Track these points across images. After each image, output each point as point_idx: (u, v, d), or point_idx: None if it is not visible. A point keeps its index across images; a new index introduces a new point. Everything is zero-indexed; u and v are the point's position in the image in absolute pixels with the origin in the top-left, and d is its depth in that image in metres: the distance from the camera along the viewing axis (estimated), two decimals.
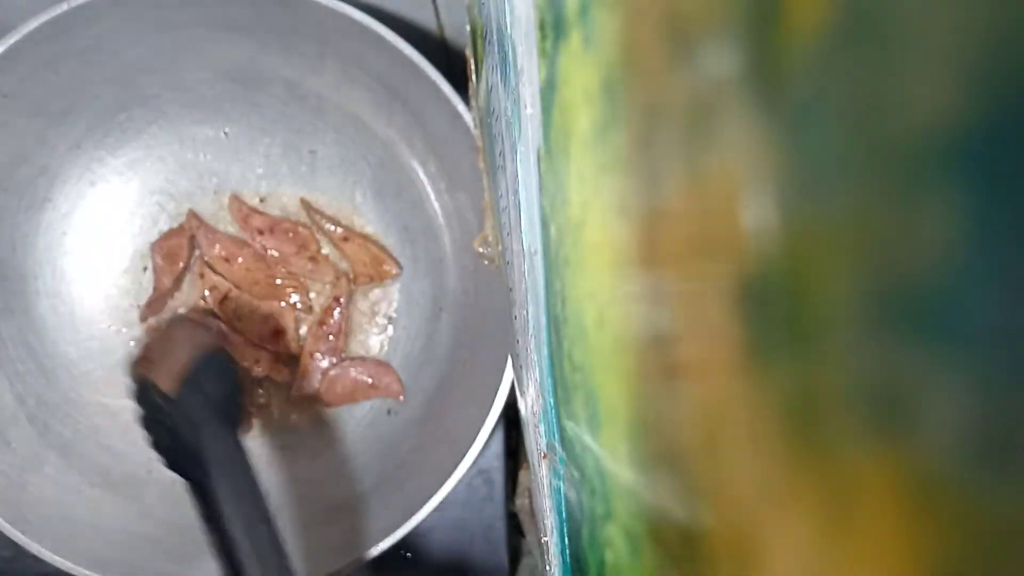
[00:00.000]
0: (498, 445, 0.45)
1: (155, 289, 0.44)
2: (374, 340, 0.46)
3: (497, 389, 0.36)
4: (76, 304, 0.44)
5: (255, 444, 0.45)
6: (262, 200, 0.45)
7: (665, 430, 0.14)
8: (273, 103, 0.43)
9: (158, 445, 0.33)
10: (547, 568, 0.25)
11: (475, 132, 0.35)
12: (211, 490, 0.30)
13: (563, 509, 0.22)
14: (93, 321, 0.45)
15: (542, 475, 0.24)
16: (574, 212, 0.17)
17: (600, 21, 0.14)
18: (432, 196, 0.44)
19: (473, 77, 0.33)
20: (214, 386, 0.34)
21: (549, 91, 0.18)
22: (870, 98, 0.07)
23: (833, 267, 0.08)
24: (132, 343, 0.45)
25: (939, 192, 0.06)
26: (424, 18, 0.41)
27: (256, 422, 0.45)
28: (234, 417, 0.34)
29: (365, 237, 0.45)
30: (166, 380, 0.32)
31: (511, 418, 0.45)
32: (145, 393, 0.34)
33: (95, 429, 0.43)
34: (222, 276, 0.45)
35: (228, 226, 0.45)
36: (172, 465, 0.33)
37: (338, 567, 0.37)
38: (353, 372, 0.45)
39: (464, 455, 0.36)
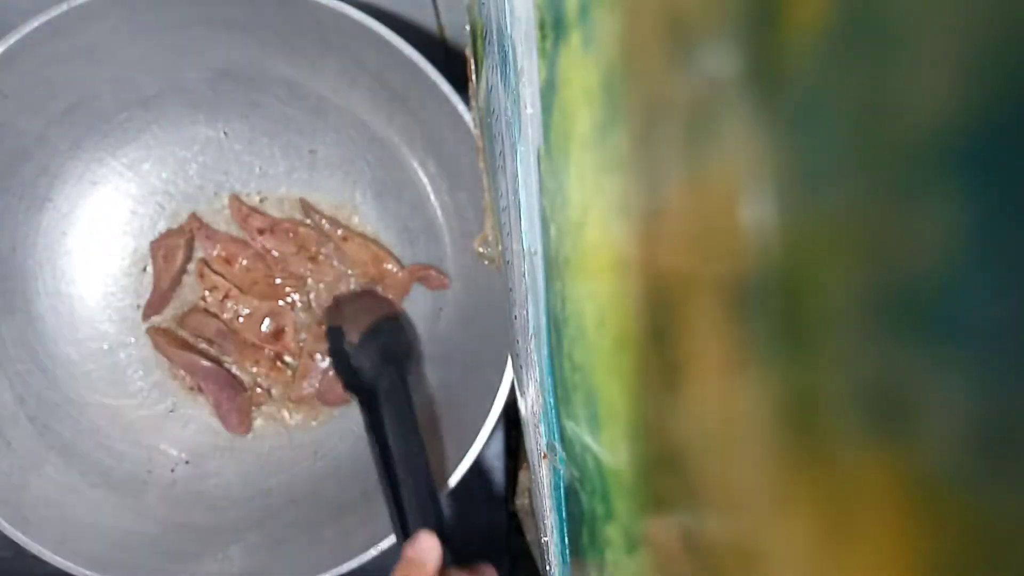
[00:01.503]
0: (498, 445, 0.45)
1: (154, 289, 0.44)
2: None
3: (497, 389, 0.36)
4: (76, 304, 0.44)
5: (255, 444, 0.45)
6: (262, 200, 0.45)
7: (665, 430, 0.14)
8: (273, 103, 0.43)
9: (339, 371, 0.43)
10: (547, 568, 0.25)
11: (475, 132, 0.35)
12: (377, 408, 0.38)
13: (563, 509, 0.22)
14: (93, 321, 0.45)
15: (542, 475, 0.24)
16: (574, 212, 0.17)
17: (600, 21, 0.14)
18: (432, 196, 0.44)
19: (473, 77, 0.33)
20: (386, 341, 0.43)
21: (549, 91, 0.18)
22: (869, 98, 0.07)
23: (832, 267, 0.08)
24: (132, 340, 0.45)
25: (938, 192, 0.06)
26: (424, 18, 0.41)
27: (256, 422, 0.45)
28: (403, 365, 0.42)
29: (365, 237, 0.45)
30: (353, 334, 0.43)
31: (511, 418, 0.45)
32: (335, 333, 0.43)
33: (95, 429, 0.43)
34: (222, 276, 0.45)
35: (228, 226, 0.45)
36: (347, 386, 0.42)
37: (338, 567, 0.37)
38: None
39: (464, 455, 0.36)
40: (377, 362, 0.41)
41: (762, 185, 0.09)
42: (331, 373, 0.44)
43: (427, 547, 0.33)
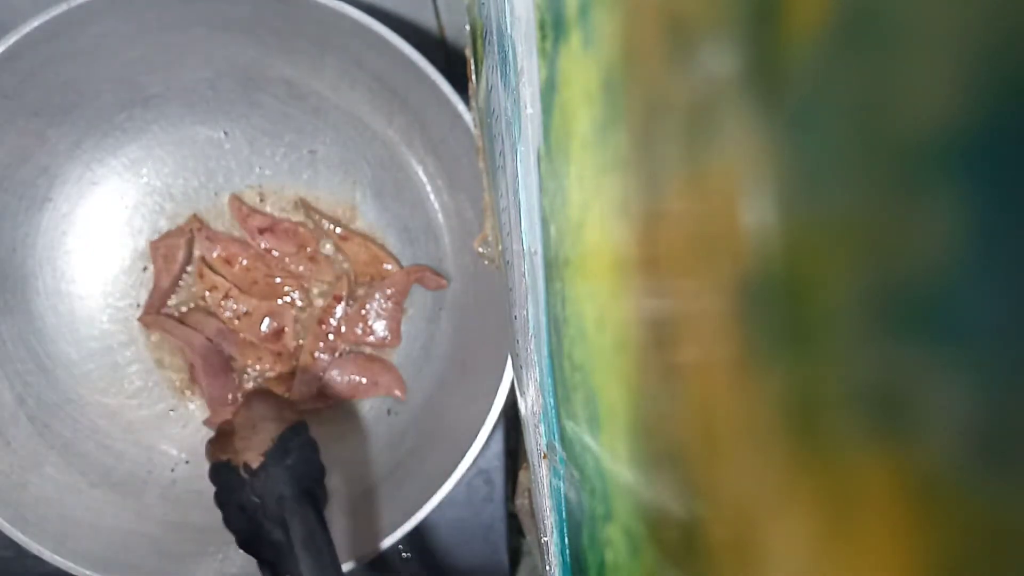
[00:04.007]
0: (498, 445, 0.45)
1: (154, 289, 0.44)
2: (373, 339, 0.46)
3: (497, 389, 0.36)
4: (76, 304, 0.44)
5: None
6: (262, 200, 0.45)
7: (665, 430, 0.14)
8: (273, 103, 0.43)
9: (230, 522, 0.33)
10: (547, 568, 0.25)
11: (475, 132, 0.35)
12: (286, 569, 0.30)
13: (563, 509, 0.22)
14: (93, 321, 0.45)
15: (542, 475, 0.24)
16: (574, 212, 0.17)
17: (600, 21, 0.14)
18: (432, 196, 0.44)
19: (473, 77, 0.33)
20: (297, 461, 0.34)
21: (549, 91, 0.18)
22: (870, 98, 0.07)
23: (833, 267, 0.08)
24: (132, 340, 0.45)
25: (939, 192, 0.06)
26: (424, 18, 0.41)
27: None
28: (317, 494, 0.34)
29: (365, 237, 0.45)
30: (252, 455, 0.33)
31: (511, 418, 0.45)
32: (220, 471, 0.34)
33: (95, 429, 0.43)
34: (222, 276, 0.45)
35: (228, 226, 0.45)
36: (244, 544, 0.33)
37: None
38: (353, 370, 0.45)
39: (464, 455, 0.36)
40: (287, 494, 0.32)
41: (762, 185, 0.09)
42: (331, 372, 0.44)
43: None
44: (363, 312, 0.45)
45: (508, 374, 0.35)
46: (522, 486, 0.47)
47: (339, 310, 0.45)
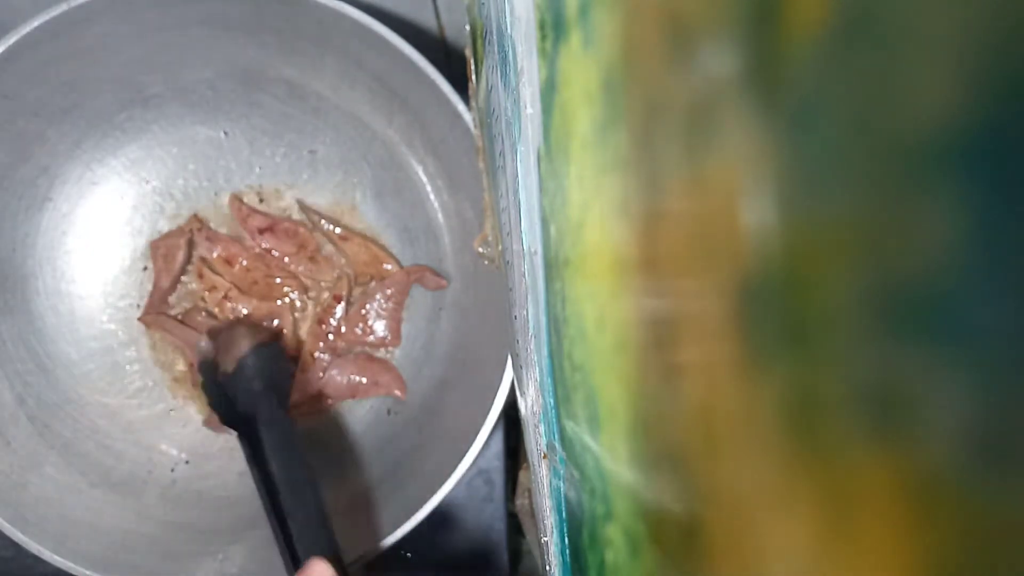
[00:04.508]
0: (498, 445, 0.45)
1: (154, 289, 0.44)
2: (373, 339, 0.46)
3: (497, 389, 0.36)
4: (76, 304, 0.44)
5: None
6: (262, 200, 0.45)
7: (665, 430, 0.14)
8: (273, 103, 0.43)
9: (213, 404, 0.41)
10: (547, 568, 0.25)
11: (475, 132, 0.35)
12: (259, 439, 0.37)
13: (563, 509, 0.22)
14: (93, 321, 0.45)
15: (542, 475, 0.24)
16: (574, 212, 0.17)
17: (600, 21, 0.14)
18: (432, 196, 0.44)
19: (473, 77, 0.33)
20: (265, 367, 0.42)
21: (549, 91, 0.18)
22: (870, 98, 0.07)
23: (833, 268, 0.08)
24: (132, 340, 0.45)
25: (939, 192, 0.06)
26: (424, 18, 0.41)
27: None
28: (282, 391, 0.42)
29: (365, 237, 0.45)
30: (227, 362, 0.41)
31: (511, 418, 0.45)
32: (204, 367, 0.42)
33: (95, 429, 0.43)
34: (221, 276, 0.45)
35: (228, 226, 0.45)
36: (224, 419, 0.40)
37: None
38: (353, 370, 0.45)
39: (464, 455, 0.36)
40: (255, 389, 0.40)
41: (763, 185, 0.09)
42: (331, 371, 0.44)
43: (320, 573, 0.32)
44: (363, 312, 0.45)
45: (508, 374, 0.35)
46: (522, 486, 0.47)
47: (339, 310, 0.45)
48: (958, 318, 0.06)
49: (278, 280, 0.45)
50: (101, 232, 0.45)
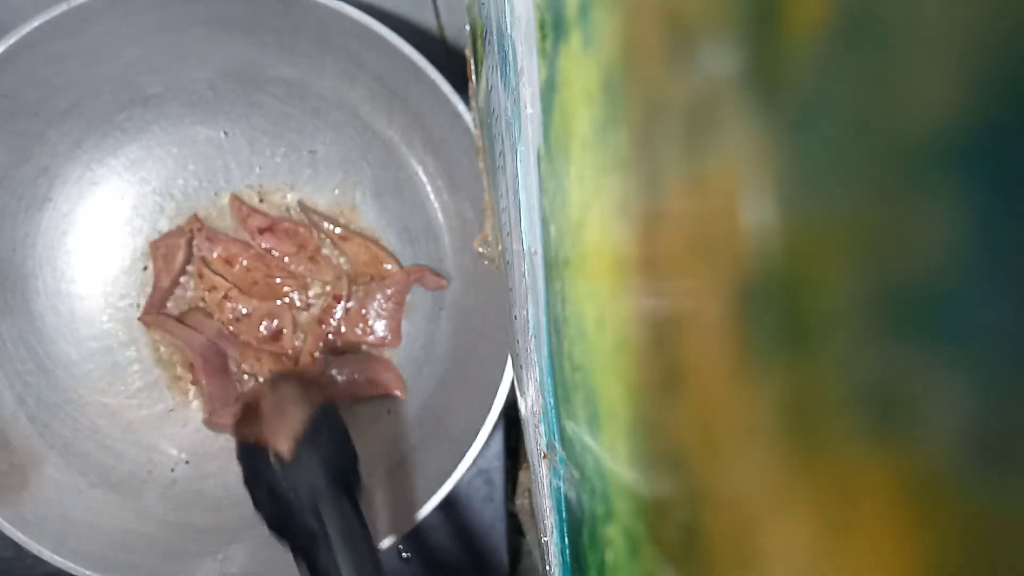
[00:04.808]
0: (498, 445, 0.45)
1: (154, 289, 0.44)
2: (373, 339, 0.46)
3: (497, 389, 0.36)
4: (76, 304, 0.44)
5: None
6: (262, 200, 0.45)
7: (665, 430, 0.14)
8: (273, 103, 0.43)
9: (259, 505, 0.32)
10: (547, 568, 0.25)
11: (475, 132, 0.35)
12: (321, 558, 0.29)
13: (563, 509, 0.22)
14: (93, 321, 0.45)
15: (542, 475, 0.24)
16: (574, 212, 0.17)
17: (600, 21, 0.14)
18: (432, 196, 0.44)
19: (473, 77, 0.33)
20: (329, 447, 0.32)
21: (549, 91, 0.18)
22: (870, 98, 0.07)
23: (833, 268, 0.08)
24: (132, 340, 0.45)
25: (939, 192, 0.06)
26: (424, 18, 0.41)
27: None
28: (351, 481, 0.32)
29: (365, 237, 0.45)
30: (283, 441, 0.30)
31: (511, 418, 0.45)
32: (247, 453, 0.32)
33: (95, 429, 0.43)
34: (222, 276, 0.45)
35: (228, 226, 0.45)
36: (274, 528, 0.31)
37: None
38: (353, 370, 0.45)
39: (464, 455, 0.36)
40: (320, 483, 0.30)
41: (762, 185, 0.09)
42: (332, 373, 0.44)
43: None
44: (363, 312, 0.45)
45: (508, 374, 0.35)
46: (522, 486, 0.47)
47: (339, 310, 0.45)
48: (958, 318, 0.06)
49: (278, 280, 0.45)
50: (101, 232, 0.45)
